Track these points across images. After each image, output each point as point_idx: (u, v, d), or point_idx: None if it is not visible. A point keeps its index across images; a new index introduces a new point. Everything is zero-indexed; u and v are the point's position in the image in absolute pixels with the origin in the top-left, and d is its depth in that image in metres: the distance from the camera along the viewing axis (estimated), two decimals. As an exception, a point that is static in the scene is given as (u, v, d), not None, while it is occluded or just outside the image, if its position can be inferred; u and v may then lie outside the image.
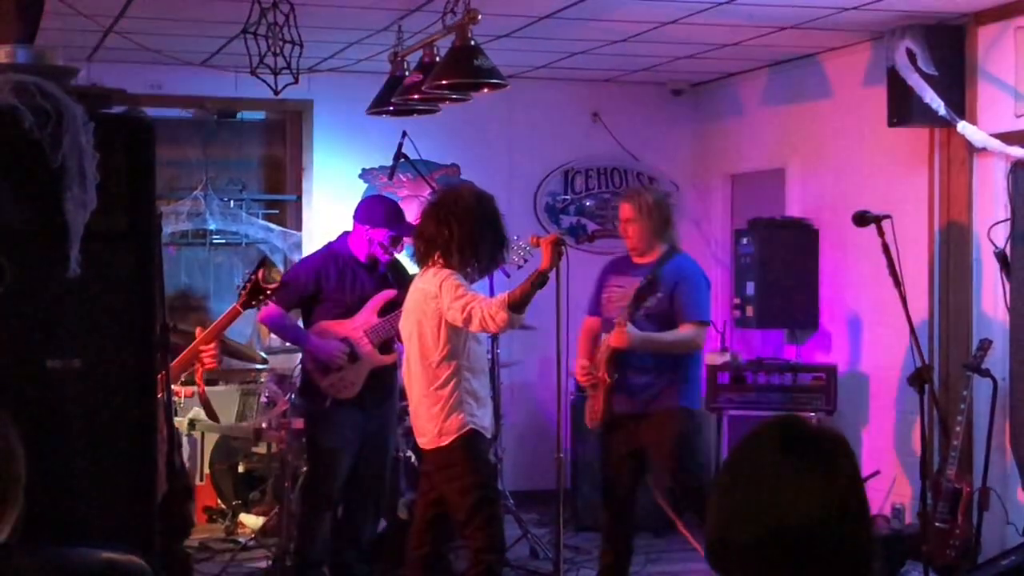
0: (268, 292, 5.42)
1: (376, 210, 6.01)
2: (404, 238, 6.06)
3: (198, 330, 5.26)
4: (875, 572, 1.88)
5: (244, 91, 7.45)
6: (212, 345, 5.32)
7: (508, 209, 5.82)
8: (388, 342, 5.99)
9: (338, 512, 6.22)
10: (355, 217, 6.11)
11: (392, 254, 6.05)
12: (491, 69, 5.43)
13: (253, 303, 5.45)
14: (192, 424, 6.66)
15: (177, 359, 5.03)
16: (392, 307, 5.92)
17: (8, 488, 2.02)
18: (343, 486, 6.08)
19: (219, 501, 7.76)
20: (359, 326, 5.91)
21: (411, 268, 6.51)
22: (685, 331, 5.74)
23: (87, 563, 2.06)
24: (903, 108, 6.54)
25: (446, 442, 5.09)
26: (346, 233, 6.16)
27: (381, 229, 5.94)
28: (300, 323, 6.18)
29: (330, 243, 6.27)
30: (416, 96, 5.87)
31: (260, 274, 5.45)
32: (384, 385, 6.07)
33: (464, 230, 5.09)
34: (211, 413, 5.70)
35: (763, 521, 1.83)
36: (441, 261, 5.11)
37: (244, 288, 5.42)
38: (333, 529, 6.19)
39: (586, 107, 8.88)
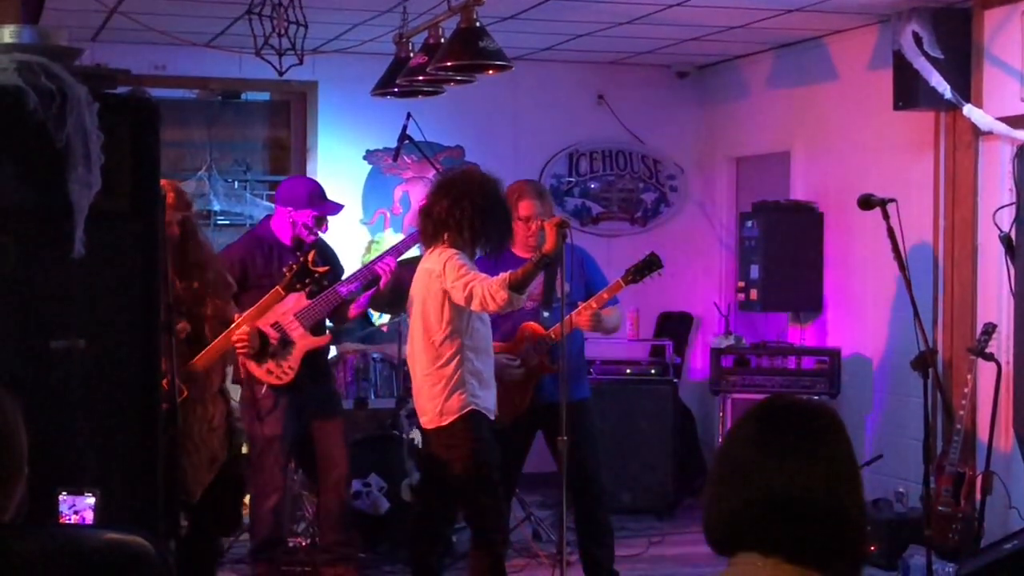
0: (316, 276, 5.14)
1: (299, 190, 5.83)
2: (327, 218, 5.90)
3: (235, 315, 5.14)
4: (867, 540, 1.91)
5: (249, 72, 7.44)
6: (243, 330, 5.18)
7: (512, 191, 5.82)
8: (320, 323, 5.86)
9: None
10: (277, 199, 5.95)
11: (317, 235, 5.85)
12: (496, 51, 5.41)
13: (297, 286, 5.16)
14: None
15: (213, 344, 4.98)
16: None
17: (10, 467, 2.03)
18: (309, 474, 6.02)
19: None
20: (289, 310, 5.68)
21: (339, 248, 6.38)
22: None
23: (90, 542, 2.06)
24: (909, 91, 6.53)
25: (447, 422, 5.08)
26: (268, 217, 6.02)
27: (305, 210, 5.76)
28: None
29: (253, 228, 6.13)
30: (421, 78, 5.86)
31: (311, 256, 5.15)
32: (319, 365, 5.94)
33: (476, 210, 5.07)
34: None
35: (751, 489, 1.89)
36: (448, 241, 5.10)
37: (290, 269, 5.13)
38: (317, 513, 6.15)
39: (591, 89, 8.86)
